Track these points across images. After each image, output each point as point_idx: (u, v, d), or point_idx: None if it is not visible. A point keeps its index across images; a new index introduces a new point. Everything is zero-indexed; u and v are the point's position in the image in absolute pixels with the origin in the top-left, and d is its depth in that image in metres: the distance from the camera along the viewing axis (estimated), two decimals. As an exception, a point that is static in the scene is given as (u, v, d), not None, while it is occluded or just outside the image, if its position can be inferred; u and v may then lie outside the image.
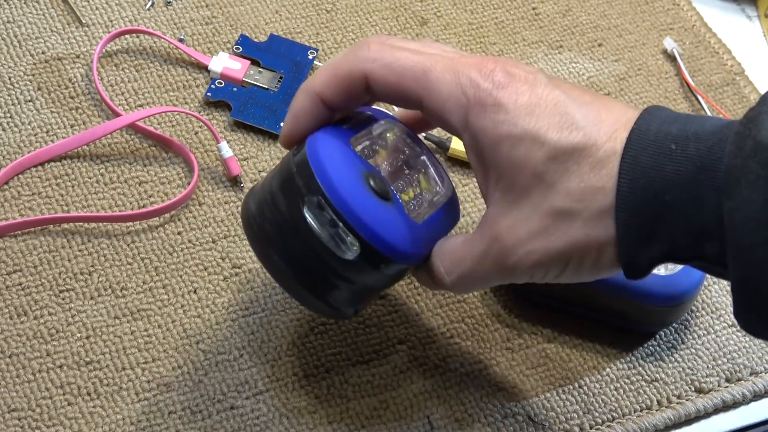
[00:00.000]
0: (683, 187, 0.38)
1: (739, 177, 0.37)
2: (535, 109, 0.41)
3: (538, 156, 0.40)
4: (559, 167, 0.40)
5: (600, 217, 0.40)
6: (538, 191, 0.41)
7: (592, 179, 0.40)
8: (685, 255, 0.40)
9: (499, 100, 0.41)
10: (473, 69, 0.42)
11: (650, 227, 0.39)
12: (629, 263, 0.40)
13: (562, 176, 0.40)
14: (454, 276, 0.44)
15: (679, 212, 0.38)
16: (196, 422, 0.49)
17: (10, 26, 0.62)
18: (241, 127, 0.60)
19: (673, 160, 0.39)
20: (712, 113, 0.66)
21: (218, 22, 0.64)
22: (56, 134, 0.58)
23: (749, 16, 0.74)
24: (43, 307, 0.52)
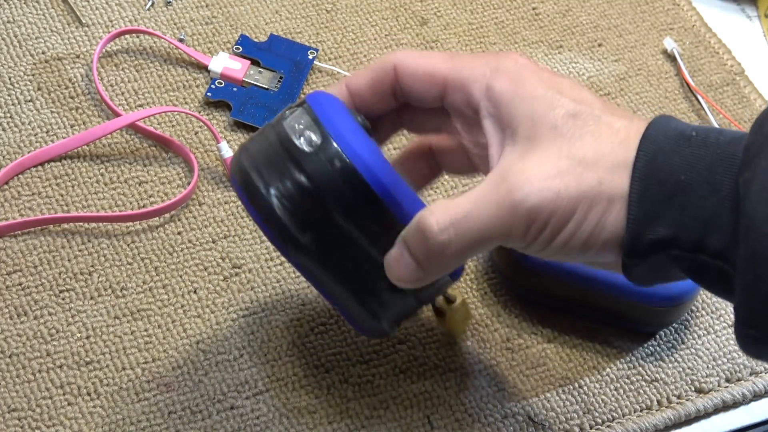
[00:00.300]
0: (699, 170, 0.38)
1: (758, 151, 0.37)
2: (555, 83, 0.42)
3: (557, 113, 0.41)
4: (578, 123, 0.41)
5: (615, 169, 0.40)
6: (554, 140, 0.41)
7: (611, 138, 0.40)
8: (688, 244, 0.39)
9: (521, 72, 0.42)
10: (496, 55, 0.44)
11: (660, 206, 0.39)
12: (631, 240, 0.39)
13: (581, 131, 0.41)
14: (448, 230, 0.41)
15: (691, 194, 0.38)
16: (196, 422, 0.49)
17: (10, 26, 0.62)
18: (241, 127, 0.60)
19: (693, 144, 0.39)
20: (712, 113, 0.66)
21: (218, 22, 0.64)
22: (56, 134, 0.58)
23: (749, 16, 0.74)
24: (43, 307, 0.52)
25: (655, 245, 0.39)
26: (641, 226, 0.39)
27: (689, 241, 0.39)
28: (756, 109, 0.68)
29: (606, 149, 0.40)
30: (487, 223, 0.41)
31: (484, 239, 0.41)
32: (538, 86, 0.42)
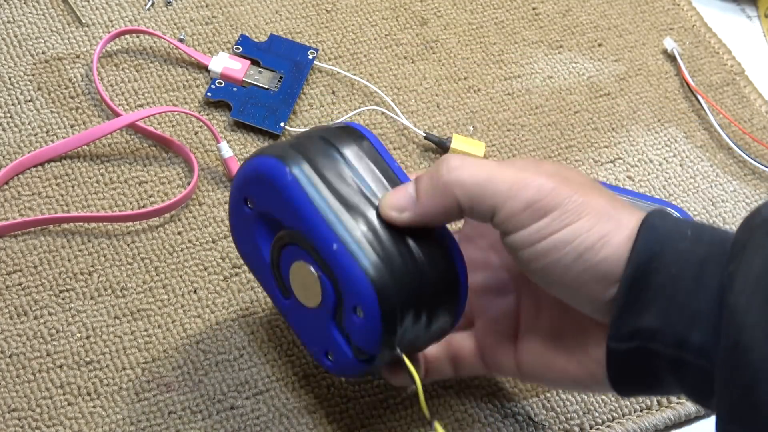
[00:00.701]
0: (690, 266, 0.39)
1: (744, 244, 0.38)
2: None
3: None
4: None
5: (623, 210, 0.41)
6: None
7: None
8: (671, 338, 0.39)
9: None
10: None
11: (649, 295, 0.39)
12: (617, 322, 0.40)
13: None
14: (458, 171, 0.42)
15: (680, 289, 0.39)
16: (196, 422, 0.49)
17: (10, 26, 0.62)
18: (241, 127, 0.60)
19: (688, 240, 0.40)
20: (712, 113, 0.66)
21: (218, 22, 0.64)
22: (56, 134, 0.58)
23: (749, 16, 0.74)
24: (43, 307, 0.52)
25: (639, 334, 0.40)
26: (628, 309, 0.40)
27: (673, 335, 0.39)
28: (756, 109, 0.68)
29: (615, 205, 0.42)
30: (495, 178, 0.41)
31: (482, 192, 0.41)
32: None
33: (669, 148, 0.65)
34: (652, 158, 0.64)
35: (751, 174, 0.65)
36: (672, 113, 0.66)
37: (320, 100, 0.62)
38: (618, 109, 0.66)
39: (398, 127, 0.62)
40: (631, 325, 0.40)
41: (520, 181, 0.41)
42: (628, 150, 0.64)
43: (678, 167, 0.64)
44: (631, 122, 0.65)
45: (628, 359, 0.41)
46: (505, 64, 0.66)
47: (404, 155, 0.61)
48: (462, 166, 0.42)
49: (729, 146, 0.65)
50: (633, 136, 0.65)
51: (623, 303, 0.40)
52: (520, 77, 0.66)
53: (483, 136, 0.63)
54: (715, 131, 0.66)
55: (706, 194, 0.63)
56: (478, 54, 0.67)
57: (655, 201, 0.59)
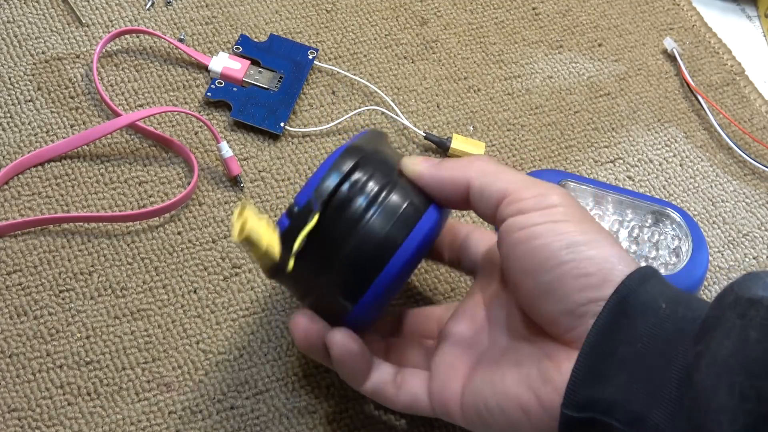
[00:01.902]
0: (658, 342, 0.38)
1: (714, 324, 0.37)
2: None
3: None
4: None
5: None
6: None
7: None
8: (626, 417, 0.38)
9: None
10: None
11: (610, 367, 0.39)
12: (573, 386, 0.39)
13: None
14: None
15: (644, 364, 0.38)
16: (196, 422, 0.49)
17: (10, 26, 0.62)
18: (241, 127, 0.60)
19: (658, 316, 0.39)
20: (712, 113, 0.66)
21: (218, 22, 0.64)
22: (56, 134, 0.58)
23: (749, 16, 0.74)
24: (43, 307, 0.52)
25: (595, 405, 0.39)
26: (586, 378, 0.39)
27: (630, 412, 0.38)
28: (756, 109, 0.68)
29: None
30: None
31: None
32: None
33: (669, 148, 0.65)
34: (652, 158, 0.64)
35: (751, 174, 0.65)
36: (672, 113, 0.66)
37: (320, 100, 0.62)
38: (618, 109, 0.66)
39: (398, 127, 0.62)
40: (588, 395, 0.39)
41: (532, 179, 0.44)
42: (628, 150, 0.64)
43: (678, 167, 0.64)
44: (631, 122, 0.65)
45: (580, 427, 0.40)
46: (505, 64, 0.66)
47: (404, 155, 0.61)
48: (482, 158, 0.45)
49: (729, 146, 0.65)
50: (633, 136, 0.65)
51: (582, 367, 0.39)
52: (520, 77, 0.66)
53: (483, 136, 0.63)
54: (715, 131, 0.66)
55: (706, 194, 0.63)
56: (478, 54, 0.67)
57: (655, 201, 0.59)
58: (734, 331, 0.36)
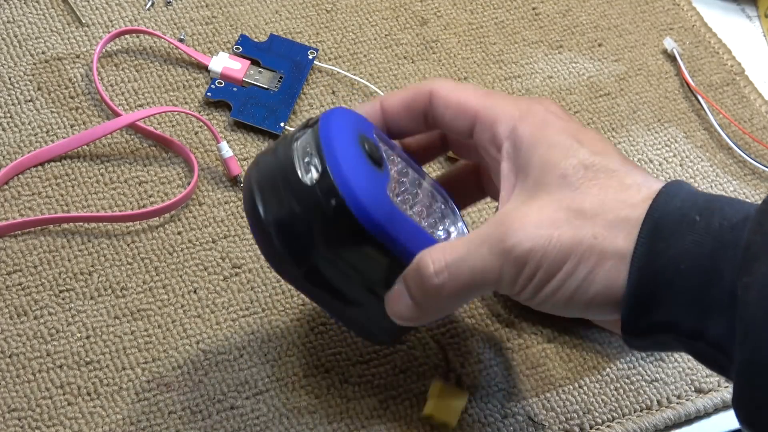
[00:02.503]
0: (700, 258, 0.38)
1: (758, 253, 0.36)
2: (579, 134, 0.42)
3: (570, 161, 0.41)
4: (588, 174, 0.41)
5: (614, 226, 0.39)
6: (560, 189, 0.41)
7: (618, 193, 0.40)
8: (686, 331, 0.39)
9: (548, 118, 0.43)
10: (530, 99, 0.44)
11: (659, 292, 0.39)
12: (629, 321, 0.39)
13: (589, 183, 0.41)
14: (443, 273, 0.41)
15: (691, 283, 0.38)
16: (196, 422, 0.49)
17: (10, 26, 0.62)
18: (241, 127, 0.60)
19: (695, 231, 0.38)
20: (712, 113, 0.66)
21: (218, 22, 0.64)
22: (56, 134, 0.58)
23: (749, 16, 0.74)
24: (43, 307, 0.52)
25: (654, 327, 0.39)
26: (639, 310, 0.39)
27: (688, 329, 0.39)
28: (756, 109, 0.68)
29: (609, 204, 0.40)
30: (480, 269, 0.41)
31: (477, 284, 0.41)
32: (560, 134, 0.42)
33: (669, 148, 0.65)
34: (652, 158, 0.64)
35: (751, 174, 0.65)
36: (672, 113, 0.66)
37: (320, 100, 0.62)
38: (618, 109, 0.66)
39: (398, 127, 0.62)
40: (643, 322, 0.39)
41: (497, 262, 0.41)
42: (628, 150, 0.64)
43: (678, 167, 0.64)
44: (631, 122, 0.65)
45: (644, 342, 0.41)
46: (505, 64, 0.66)
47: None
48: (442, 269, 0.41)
49: (729, 146, 0.65)
50: (633, 136, 0.65)
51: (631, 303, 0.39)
52: (520, 77, 0.66)
53: (483, 136, 0.63)
54: (715, 131, 0.66)
55: (706, 194, 0.63)
56: (478, 54, 0.67)
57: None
58: None
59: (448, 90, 0.45)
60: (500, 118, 0.43)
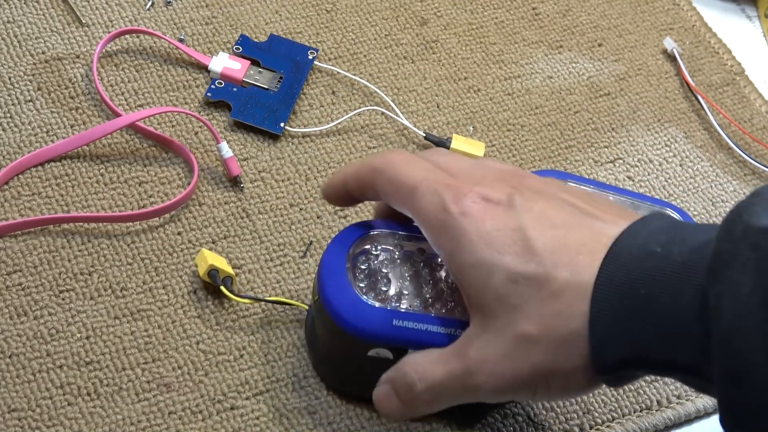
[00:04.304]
0: (661, 281, 0.37)
1: (728, 260, 0.36)
2: (495, 237, 0.41)
3: (498, 280, 0.41)
4: (520, 290, 0.40)
5: (562, 343, 0.40)
6: (503, 313, 0.41)
7: (552, 306, 0.40)
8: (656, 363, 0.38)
9: (462, 227, 0.42)
10: (450, 191, 0.43)
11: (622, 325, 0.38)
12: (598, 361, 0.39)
13: (525, 299, 0.40)
14: (422, 385, 0.43)
15: (653, 307, 0.37)
16: (196, 422, 0.49)
17: (10, 26, 0.62)
18: (241, 127, 0.60)
19: (654, 258, 0.38)
20: (712, 113, 0.66)
21: (218, 22, 0.64)
22: (56, 134, 0.58)
23: (749, 16, 0.74)
24: (43, 307, 0.52)
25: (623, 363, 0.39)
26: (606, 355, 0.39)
27: (657, 360, 0.38)
28: (756, 109, 0.68)
29: (549, 322, 0.40)
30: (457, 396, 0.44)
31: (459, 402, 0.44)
32: (477, 247, 0.41)
33: (669, 148, 0.65)
34: (652, 158, 0.64)
35: (751, 174, 0.65)
36: (672, 113, 0.66)
37: (320, 100, 0.62)
38: (618, 109, 0.66)
39: (398, 127, 0.62)
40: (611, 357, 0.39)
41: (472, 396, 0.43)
42: (628, 150, 0.64)
43: (678, 167, 0.64)
44: (631, 122, 0.65)
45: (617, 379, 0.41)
46: (505, 64, 0.66)
47: (404, 155, 0.61)
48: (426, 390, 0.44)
49: (729, 146, 0.65)
50: (633, 136, 0.65)
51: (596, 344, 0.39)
52: (520, 77, 0.66)
53: (483, 136, 0.63)
54: (715, 131, 0.66)
55: (706, 194, 0.63)
56: (478, 54, 0.67)
57: (655, 201, 0.59)
58: (749, 264, 0.35)
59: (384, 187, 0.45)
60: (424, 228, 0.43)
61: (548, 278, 0.40)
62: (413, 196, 0.43)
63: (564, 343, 0.40)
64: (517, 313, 0.40)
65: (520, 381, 0.41)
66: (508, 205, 0.42)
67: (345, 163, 0.59)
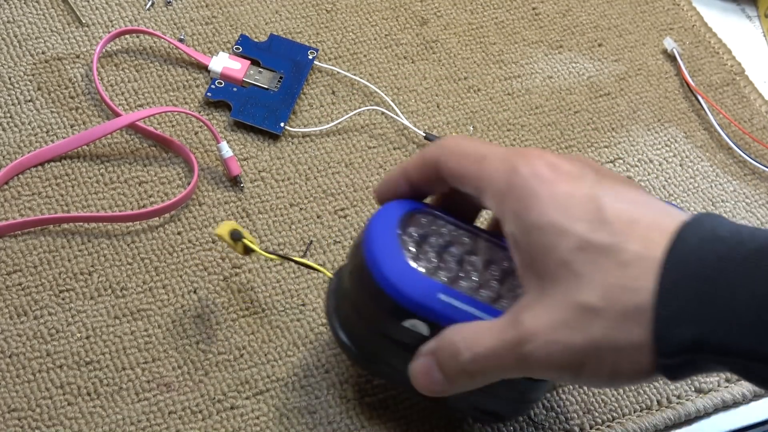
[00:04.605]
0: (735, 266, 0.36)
1: None
2: (567, 202, 0.40)
3: (565, 245, 0.39)
4: (587, 258, 0.39)
5: (624, 317, 0.38)
6: (565, 280, 0.39)
7: (619, 278, 0.39)
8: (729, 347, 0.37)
9: (533, 188, 0.41)
10: (520, 157, 0.42)
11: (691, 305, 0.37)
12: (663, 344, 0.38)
13: (590, 268, 0.39)
14: (469, 354, 0.41)
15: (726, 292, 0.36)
16: (196, 422, 0.49)
17: (10, 26, 0.62)
18: (241, 127, 0.60)
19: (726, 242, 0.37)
20: (712, 113, 0.66)
21: (218, 22, 0.64)
22: (56, 134, 0.58)
23: (749, 16, 0.74)
24: (43, 307, 0.52)
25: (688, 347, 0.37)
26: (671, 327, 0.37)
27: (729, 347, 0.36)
28: (756, 109, 0.68)
29: (613, 293, 0.39)
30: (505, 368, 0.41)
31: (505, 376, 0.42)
32: (548, 209, 0.40)
33: (669, 148, 0.65)
34: (652, 158, 0.64)
35: (751, 174, 0.65)
36: (672, 113, 0.66)
37: (320, 100, 0.62)
38: (618, 109, 0.66)
39: (398, 127, 0.62)
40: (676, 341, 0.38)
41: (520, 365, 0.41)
42: (628, 150, 0.64)
43: (678, 167, 0.64)
44: (631, 122, 0.65)
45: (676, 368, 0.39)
46: (505, 64, 0.66)
47: (404, 155, 0.61)
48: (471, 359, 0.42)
49: (729, 146, 0.65)
50: (633, 136, 0.65)
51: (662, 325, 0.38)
52: (520, 77, 0.66)
53: (483, 136, 0.63)
54: (715, 131, 0.66)
55: (706, 194, 0.63)
56: (478, 54, 0.67)
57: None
58: None
59: (449, 160, 0.44)
60: (491, 191, 0.42)
61: (619, 249, 0.39)
62: (481, 165, 0.43)
63: (626, 316, 0.38)
64: (580, 281, 0.39)
65: (572, 353, 0.39)
66: (580, 176, 0.41)
67: (345, 163, 0.60)
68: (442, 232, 0.46)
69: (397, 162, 0.60)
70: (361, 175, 0.59)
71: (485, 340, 0.41)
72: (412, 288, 0.43)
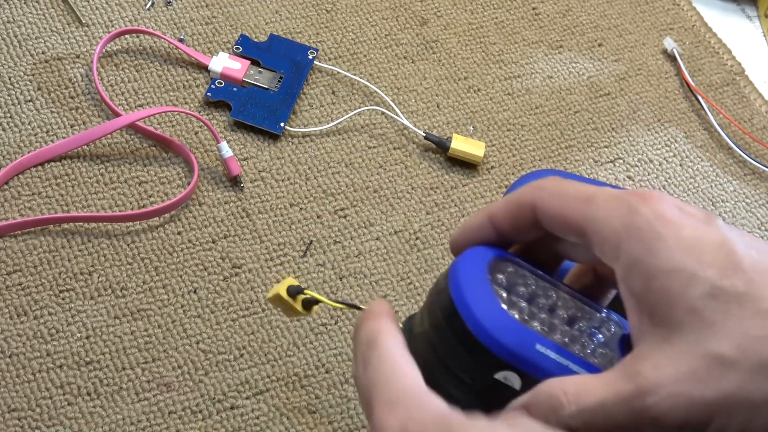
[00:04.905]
0: None
1: None
2: (697, 245, 0.37)
3: (696, 292, 0.37)
4: (720, 306, 0.36)
5: (760, 370, 0.36)
6: (694, 329, 0.37)
7: (755, 327, 0.36)
8: None
9: (658, 230, 0.38)
10: (639, 197, 0.39)
11: None
12: None
13: (724, 317, 0.36)
14: (574, 408, 0.37)
15: None
16: (196, 422, 0.49)
17: (10, 26, 0.62)
18: (241, 127, 0.60)
19: None
20: (712, 113, 0.66)
21: (218, 22, 0.64)
22: (56, 134, 0.58)
23: (749, 16, 0.74)
24: (43, 307, 0.52)
25: None
26: None
27: None
28: (756, 109, 0.68)
29: (750, 344, 0.36)
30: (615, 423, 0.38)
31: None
32: (675, 253, 0.37)
33: (669, 148, 0.65)
34: (652, 158, 0.64)
35: (751, 174, 0.65)
36: (672, 113, 0.66)
37: (320, 100, 0.62)
38: (618, 109, 0.66)
39: (398, 127, 0.62)
40: None
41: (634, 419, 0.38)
42: (628, 150, 0.64)
43: (678, 167, 0.64)
44: (631, 122, 0.65)
45: None
46: (505, 64, 0.66)
47: (404, 155, 0.61)
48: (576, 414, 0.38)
49: (729, 146, 0.65)
50: (633, 136, 0.65)
51: None
52: (520, 77, 0.66)
53: (483, 136, 0.63)
54: (715, 131, 0.66)
55: (706, 194, 0.63)
56: (478, 54, 0.67)
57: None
58: None
59: (549, 202, 0.40)
60: (603, 234, 0.38)
61: (755, 297, 0.36)
62: (588, 206, 0.39)
63: (763, 369, 0.36)
64: (712, 330, 0.36)
65: (699, 408, 0.36)
66: (707, 220, 0.39)
67: (345, 163, 0.59)
68: (528, 282, 0.43)
69: (397, 161, 0.60)
70: (361, 175, 0.59)
71: (594, 392, 0.38)
72: (509, 337, 0.39)
